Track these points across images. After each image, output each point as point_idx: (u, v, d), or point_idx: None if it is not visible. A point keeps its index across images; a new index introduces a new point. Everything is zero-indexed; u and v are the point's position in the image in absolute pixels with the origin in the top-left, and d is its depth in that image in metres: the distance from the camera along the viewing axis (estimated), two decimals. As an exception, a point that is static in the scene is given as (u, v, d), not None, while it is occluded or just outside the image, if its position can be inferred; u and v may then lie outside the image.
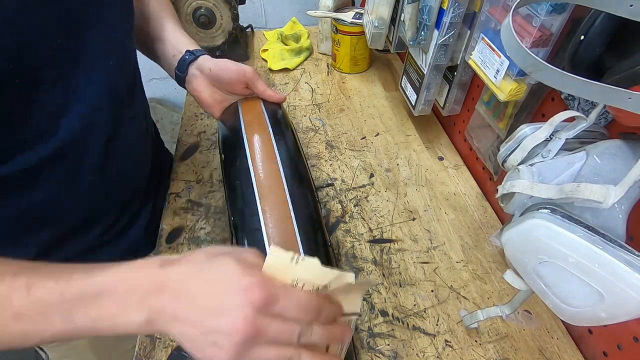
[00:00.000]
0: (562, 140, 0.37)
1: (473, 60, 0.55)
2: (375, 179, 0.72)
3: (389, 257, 0.60)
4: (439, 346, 0.51)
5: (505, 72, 0.49)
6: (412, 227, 0.64)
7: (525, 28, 0.46)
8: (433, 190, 0.70)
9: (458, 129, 0.78)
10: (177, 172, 0.73)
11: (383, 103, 0.90)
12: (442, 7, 0.60)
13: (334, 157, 0.76)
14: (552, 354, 0.50)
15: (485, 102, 0.61)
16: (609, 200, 0.29)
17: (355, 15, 0.92)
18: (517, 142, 0.39)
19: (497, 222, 0.65)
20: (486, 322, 0.52)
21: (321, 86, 0.95)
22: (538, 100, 0.53)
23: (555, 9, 0.43)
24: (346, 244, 0.62)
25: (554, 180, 0.35)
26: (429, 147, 0.79)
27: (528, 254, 0.34)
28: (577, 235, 0.30)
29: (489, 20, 0.53)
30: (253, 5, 1.27)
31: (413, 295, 0.56)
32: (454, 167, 0.75)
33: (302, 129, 0.83)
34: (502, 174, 0.62)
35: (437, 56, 0.64)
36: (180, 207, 0.67)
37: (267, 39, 1.10)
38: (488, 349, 0.50)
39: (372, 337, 0.52)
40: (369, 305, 0.55)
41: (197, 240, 0.62)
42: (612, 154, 0.34)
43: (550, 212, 0.32)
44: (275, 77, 0.98)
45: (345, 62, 0.97)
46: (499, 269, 0.59)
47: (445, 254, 0.61)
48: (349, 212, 0.67)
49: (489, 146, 0.64)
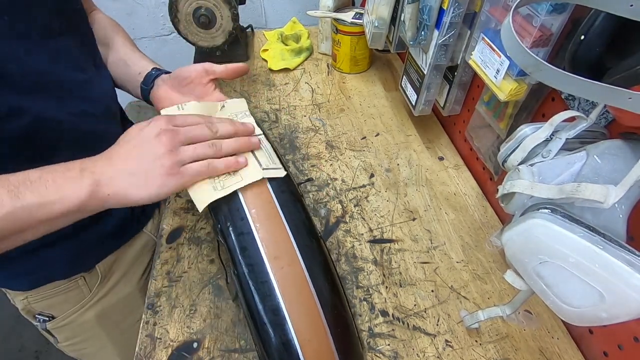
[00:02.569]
0: (563, 140, 0.37)
1: (473, 60, 0.55)
2: (376, 179, 0.72)
3: (389, 257, 0.60)
4: (439, 346, 0.51)
5: (506, 72, 0.49)
6: (413, 227, 0.64)
7: (526, 28, 0.46)
8: (433, 190, 0.70)
9: (458, 129, 0.78)
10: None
11: (383, 103, 0.90)
12: (442, 7, 0.60)
13: (334, 157, 0.76)
14: (552, 354, 0.50)
15: (486, 102, 0.61)
16: (609, 200, 0.29)
17: (355, 15, 0.92)
18: (518, 142, 0.39)
19: (497, 222, 0.65)
20: (486, 322, 0.52)
21: (321, 86, 0.95)
22: (538, 100, 0.53)
23: (556, 9, 0.42)
24: (346, 244, 0.62)
25: (554, 180, 0.35)
26: (429, 147, 0.79)
27: (528, 254, 0.34)
28: (577, 235, 0.30)
29: (489, 20, 0.53)
30: (253, 5, 1.27)
31: (413, 295, 0.56)
32: (454, 167, 0.75)
33: (302, 129, 0.83)
34: (503, 174, 0.62)
35: (437, 56, 0.64)
36: (180, 207, 0.67)
37: (267, 39, 1.10)
38: (488, 349, 0.50)
39: (373, 337, 0.52)
40: (369, 305, 0.55)
41: (197, 241, 0.62)
42: (612, 154, 0.34)
43: (551, 212, 0.32)
44: (275, 77, 0.98)
45: (345, 62, 0.97)
46: (499, 269, 0.59)
47: (445, 254, 0.61)
48: (349, 212, 0.67)
49: (489, 146, 0.64)
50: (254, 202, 0.45)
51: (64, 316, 0.62)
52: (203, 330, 0.52)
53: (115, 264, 0.65)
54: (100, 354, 0.69)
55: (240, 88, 0.95)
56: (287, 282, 0.42)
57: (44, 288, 0.59)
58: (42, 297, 0.59)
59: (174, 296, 0.55)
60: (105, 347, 0.68)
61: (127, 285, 0.67)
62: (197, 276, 0.58)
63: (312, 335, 0.41)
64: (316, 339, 0.41)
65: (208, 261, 0.59)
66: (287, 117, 0.86)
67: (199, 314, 0.54)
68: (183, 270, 0.58)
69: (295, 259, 0.43)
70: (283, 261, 0.43)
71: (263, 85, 0.96)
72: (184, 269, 0.58)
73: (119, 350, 0.69)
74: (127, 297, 0.67)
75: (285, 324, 0.40)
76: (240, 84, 0.96)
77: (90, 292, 0.62)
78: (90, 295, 0.62)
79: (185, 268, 0.59)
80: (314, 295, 0.42)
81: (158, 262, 0.59)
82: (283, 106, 0.89)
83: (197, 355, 0.50)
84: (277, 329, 0.41)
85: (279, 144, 0.79)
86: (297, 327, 0.40)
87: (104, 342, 0.67)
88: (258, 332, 0.42)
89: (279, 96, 0.92)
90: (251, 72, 1.01)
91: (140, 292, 0.68)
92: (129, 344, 0.64)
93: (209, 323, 0.53)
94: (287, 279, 0.42)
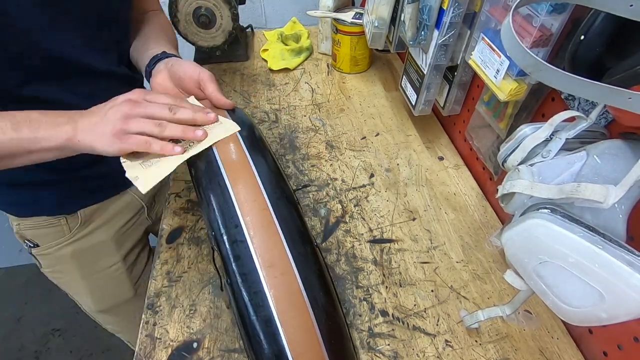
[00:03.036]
0: (562, 140, 0.37)
1: (473, 60, 0.55)
2: (376, 179, 0.72)
3: (389, 257, 0.60)
4: (439, 346, 0.51)
5: (505, 72, 0.49)
6: (412, 227, 0.64)
7: (526, 28, 0.46)
8: (433, 190, 0.70)
9: (458, 129, 0.78)
10: (177, 171, 0.73)
11: (383, 103, 0.90)
12: (442, 7, 0.60)
13: (334, 157, 0.76)
14: (552, 354, 0.50)
15: (485, 102, 0.61)
16: (609, 200, 0.29)
17: (355, 15, 0.92)
18: (517, 142, 0.39)
19: (497, 222, 0.65)
20: (486, 322, 0.52)
21: (321, 86, 0.95)
22: (538, 100, 0.53)
23: (556, 9, 0.42)
24: (346, 244, 0.62)
25: (554, 180, 0.35)
26: (429, 147, 0.79)
27: (528, 254, 0.34)
28: (577, 235, 0.30)
29: (489, 20, 0.53)
30: (253, 5, 1.27)
31: (413, 295, 0.56)
32: (454, 167, 0.75)
33: (302, 129, 0.83)
34: (502, 174, 0.62)
35: (437, 56, 0.64)
36: (180, 207, 0.67)
37: (267, 39, 1.10)
38: (488, 349, 0.50)
39: (372, 337, 0.52)
40: (369, 305, 0.55)
41: (197, 241, 0.62)
42: (612, 154, 0.34)
43: (550, 212, 0.32)
44: (275, 77, 0.98)
45: (345, 62, 0.97)
46: (499, 269, 0.59)
47: (445, 254, 0.61)
48: (349, 212, 0.67)
49: (489, 146, 0.64)
50: (249, 210, 0.45)
51: (46, 247, 0.71)
52: (203, 330, 0.52)
53: (97, 214, 0.72)
54: (74, 286, 0.78)
55: (240, 88, 0.95)
56: (280, 292, 0.41)
57: (31, 219, 0.68)
58: (29, 226, 0.68)
59: (174, 296, 0.55)
60: (76, 281, 0.76)
61: (103, 233, 0.74)
62: (197, 276, 0.58)
63: (306, 347, 0.40)
64: (310, 351, 0.40)
65: (208, 261, 0.59)
66: (287, 117, 0.86)
67: (199, 314, 0.54)
68: (183, 270, 0.58)
69: (290, 268, 0.42)
70: (277, 270, 0.42)
71: (263, 85, 0.96)
72: (183, 269, 0.58)
73: (90, 287, 0.78)
74: (101, 244, 0.75)
75: (278, 335, 0.39)
76: (240, 84, 0.96)
77: (70, 232, 0.70)
78: (69, 235, 0.71)
79: (185, 268, 0.59)
80: (308, 306, 0.41)
81: (158, 262, 0.59)
82: (283, 106, 0.89)
83: (197, 355, 0.50)
84: (270, 340, 0.40)
85: (279, 144, 0.79)
86: (290, 339, 0.40)
87: (77, 277, 0.76)
88: (250, 343, 0.41)
89: (279, 96, 0.92)
90: (251, 72, 1.01)
91: (115, 244, 0.76)
92: (99, 285, 0.78)
93: (209, 323, 0.53)
94: (281, 288, 0.41)
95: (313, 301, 0.42)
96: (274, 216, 0.45)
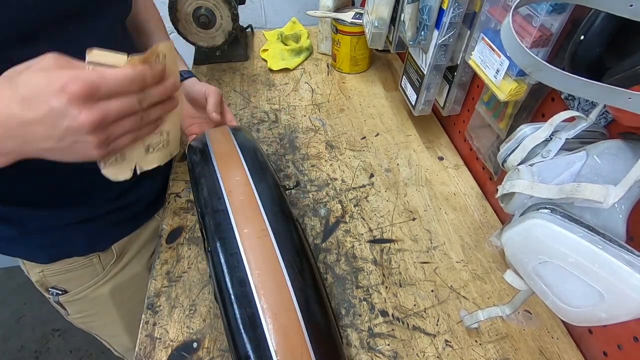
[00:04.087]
0: (562, 140, 0.37)
1: (473, 60, 0.55)
2: (375, 179, 0.72)
3: (389, 257, 0.60)
4: (439, 346, 0.51)
5: (505, 72, 0.49)
6: (412, 227, 0.64)
7: (525, 28, 0.46)
8: (433, 190, 0.70)
9: (458, 129, 0.78)
10: (177, 172, 0.73)
11: (383, 103, 0.90)
12: (442, 7, 0.60)
13: (334, 157, 0.76)
14: (552, 354, 0.50)
15: (485, 102, 0.61)
16: (609, 200, 0.29)
17: (355, 15, 0.92)
18: (517, 142, 0.39)
19: (497, 222, 0.65)
20: (486, 322, 0.52)
21: (321, 86, 0.95)
22: (538, 100, 0.53)
23: (555, 9, 0.42)
24: (346, 244, 0.62)
25: (554, 180, 0.35)
26: (429, 147, 0.79)
27: (528, 254, 0.34)
28: (577, 235, 0.30)
29: (489, 20, 0.53)
30: (253, 5, 1.27)
31: (413, 295, 0.56)
32: (454, 167, 0.75)
33: (302, 129, 0.83)
34: (502, 174, 0.62)
35: (437, 56, 0.64)
36: (180, 207, 0.67)
37: (267, 39, 1.10)
38: (488, 349, 0.50)
39: (372, 337, 0.52)
40: (369, 305, 0.55)
41: (197, 240, 0.62)
42: (612, 154, 0.34)
43: (550, 212, 0.32)
44: (275, 77, 0.98)
45: (345, 62, 0.97)
46: (499, 269, 0.59)
47: (445, 254, 0.61)
48: (349, 212, 0.67)
49: (489, 146, 0.64)
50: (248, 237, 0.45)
51: (78, 291, 0.66)
52: (203, 330, 0.52)
53: (129, 245, 0.69)
54: (108, 327, 0.73)
55: (240, 88, 0.95)
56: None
57: (61, 263, 0.62)
58: (58, 271, 0.63)
59: (174, 296, 0.55)
60: (114, 322, 0.72)
61: (137, 264, 0.71)
62: (197, 276, 0.58)
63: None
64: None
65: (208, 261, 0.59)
66: (287, 117, 0.86)
67: (199, 314, 0.54)
68: (183, 270, 0.58)
69: (283, 281, 0.43)
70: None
71: (263, 85, 0.96)
72: (183, 269, 0.58)
73: (126, 324, 0.73)
74: (137, 276, 0.71)
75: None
76: (240, 84, 0.96)
77: (104, 270, 0.66)
78: (104, 273, 0.67)
79: (185, 268, 0.59)
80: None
81: (158, 262, 0.59)
82: (283, 106, 0.89)
83: (197, 355, 0.50)
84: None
85: (279, 144, 0.79)
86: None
87: (114, 316, 0.71)
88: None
89: (278, 96, 0.92)
90: (251, 72, 1.01)
91: (147, 272, 0.72)
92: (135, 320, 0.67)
93: (209, 323, 0.53)
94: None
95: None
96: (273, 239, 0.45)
